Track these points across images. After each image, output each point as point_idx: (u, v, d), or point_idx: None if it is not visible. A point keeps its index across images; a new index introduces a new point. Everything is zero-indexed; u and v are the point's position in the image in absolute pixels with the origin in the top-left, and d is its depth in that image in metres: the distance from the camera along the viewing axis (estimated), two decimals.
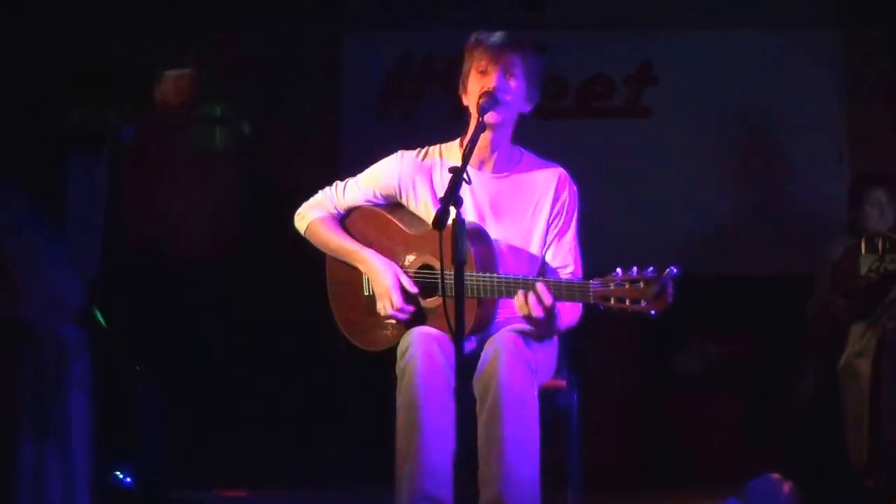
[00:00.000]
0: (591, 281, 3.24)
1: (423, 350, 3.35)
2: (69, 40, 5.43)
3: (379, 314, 3.57)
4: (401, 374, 3.38)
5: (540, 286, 3.29)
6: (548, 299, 3.27)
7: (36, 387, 3.59)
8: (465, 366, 3.18)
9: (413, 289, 3.52)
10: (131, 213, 5.70)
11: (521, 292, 3.30)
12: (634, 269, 3.18)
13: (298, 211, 3.76)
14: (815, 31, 6.04)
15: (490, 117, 3.43)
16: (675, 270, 3.13)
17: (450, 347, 3.29)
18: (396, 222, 3.62)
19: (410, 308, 3.52)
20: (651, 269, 3.16)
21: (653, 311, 3.15)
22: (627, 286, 3.17)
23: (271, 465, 5.50)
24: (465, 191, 3.16)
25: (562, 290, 3.30)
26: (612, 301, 3.19)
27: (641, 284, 3.15)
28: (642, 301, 3.14)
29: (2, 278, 3.63)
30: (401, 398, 3.37)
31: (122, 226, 5.50)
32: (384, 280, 3.52)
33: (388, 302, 3.51)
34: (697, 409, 5.82)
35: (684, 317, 5.39)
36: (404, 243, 3.59)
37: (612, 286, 3.19)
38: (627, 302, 3.16)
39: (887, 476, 3.90)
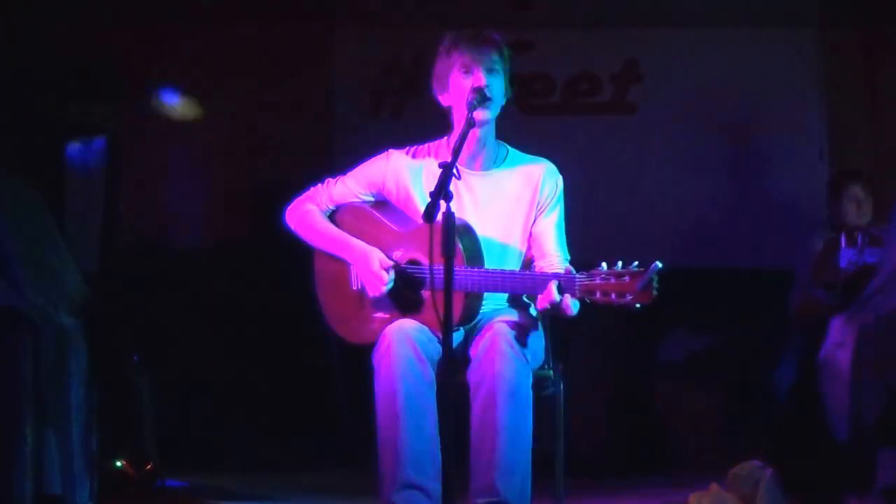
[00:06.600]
0: (576, 275, 3.26)
1: (398, 339, 3.37)
2: (67, 34, 5.47)
3: (367, 307, 3.58)
4: (377, 364, 3.40)
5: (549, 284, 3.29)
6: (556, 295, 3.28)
7: (36, 376, 3.64)
8: (452, 357, 3.17)
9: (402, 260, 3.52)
10: (128, 205, 5.76)
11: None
12: (619, 263, 3.20)
13: (288, 206, 3.78)
14: (796, 30, 6.11)
15: (480, 114, 3.47)
16: (659, 265, 3.13)
17: (430, 338, 3.39)
18: (384, 219, 3.64)
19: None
20: (636, 263, 3.18)
21: (638, 305, 3.16)
22: (613, 280, 3.18)
23: (260, 453, 5.55)
24: (453, 187, 3.19)
25: None
26: (598, 295, 3.20)
27: (627, 279, 3.16)
28: (627, 295, 3.16)
29: (2, 270, 3.69)
30: (378, 387, 3.38)
31: (119, 217, 5.55)
32: (370, 263, 3.53)
33: (378, 281, 3.51)
34: (681, 398, 5.89)
35: (668, 308, 5.51)
36: (391, 239, 3.60)
37: (597, 280, 3.20)
38: (613, 296, 3.18)
39: (866, 462, 3.96)
